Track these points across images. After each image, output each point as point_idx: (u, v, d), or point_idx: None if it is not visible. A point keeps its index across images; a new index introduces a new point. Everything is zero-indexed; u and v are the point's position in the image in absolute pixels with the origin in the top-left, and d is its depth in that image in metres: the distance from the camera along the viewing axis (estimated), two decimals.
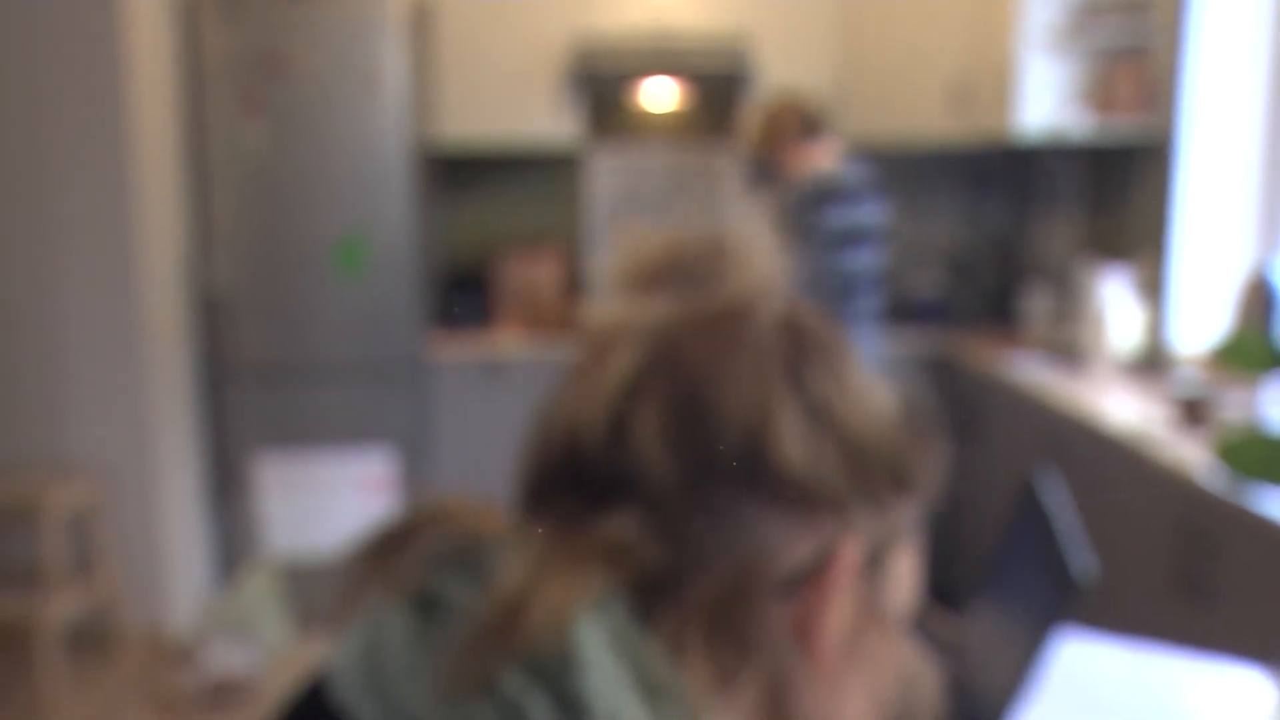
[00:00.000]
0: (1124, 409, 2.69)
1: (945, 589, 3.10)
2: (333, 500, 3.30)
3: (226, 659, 3.04)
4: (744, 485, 0.50)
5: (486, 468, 3.49)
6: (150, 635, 3.33)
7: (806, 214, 2.80)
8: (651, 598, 0.49)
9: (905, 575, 0.56)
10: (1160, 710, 1.31)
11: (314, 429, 3.54)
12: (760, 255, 0.55)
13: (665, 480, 0.49)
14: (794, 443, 0.50)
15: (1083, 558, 1.01)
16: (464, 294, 3.93)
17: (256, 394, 3.58)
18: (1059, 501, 1.15)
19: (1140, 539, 2.36)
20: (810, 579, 0.51)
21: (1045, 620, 1.01)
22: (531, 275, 3.94)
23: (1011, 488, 2.46)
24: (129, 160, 3.20)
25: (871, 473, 0.52)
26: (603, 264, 0.58)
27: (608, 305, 0.55)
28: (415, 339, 3.62)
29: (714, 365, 0.50)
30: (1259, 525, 1.92)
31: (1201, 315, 3.03)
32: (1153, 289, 3.12)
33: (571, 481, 0.52)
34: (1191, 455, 2.23)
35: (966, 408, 3.46)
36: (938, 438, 0.56)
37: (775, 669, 0.51)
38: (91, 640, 3.24)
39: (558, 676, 0.45)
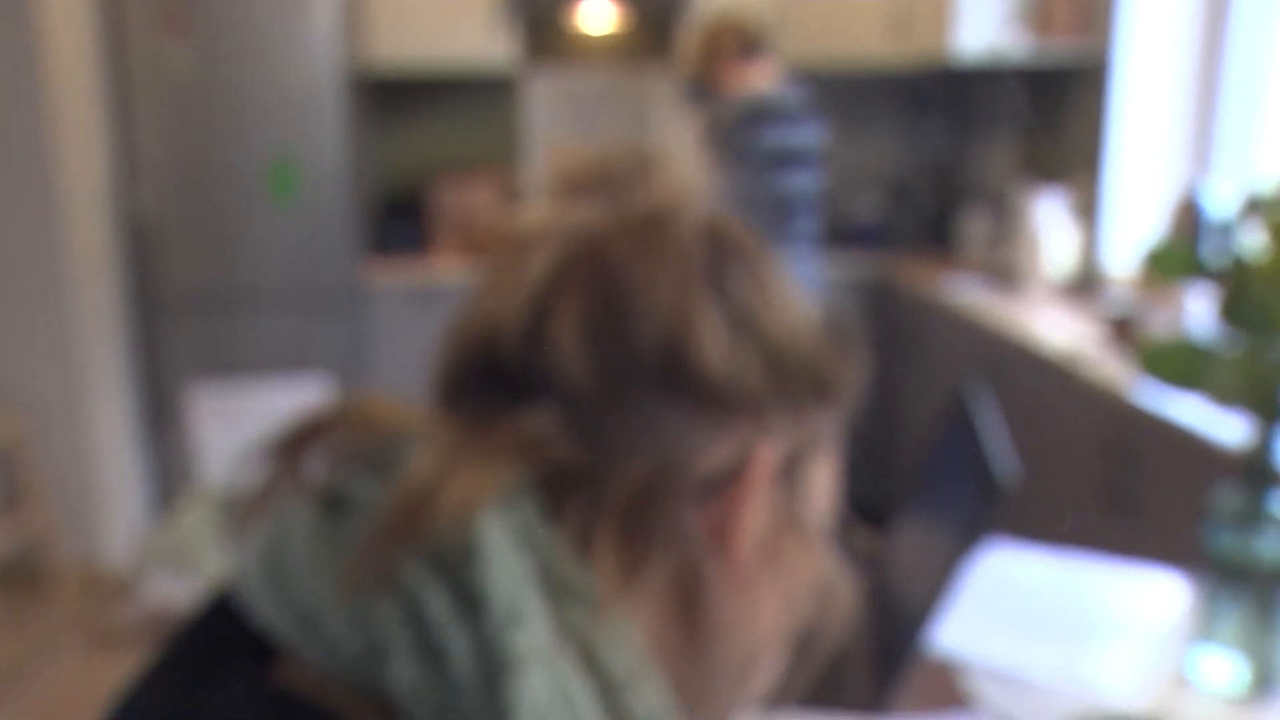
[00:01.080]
0: (1057, 329, 2.72)
1: (881, 506, 3.15)
2: (269, 429, 3.25)
3: (165, 591, 3.01)
4: (662, 387, 0.49)
5: (423, 394, 3.47)
6: (86, 570, 3.29)
7: (743, 134, 2.78)
8: (563, 495, 0.49)
9: (824, 484, 0.56)
10: (1083, 611, 1.34)
11: (248, 358, 3.48)
12: (684, 166, 0.55)
13: (582, 379, 0.49)
14: (714, 346, 0.49)
15: (1007, 462, 1.02)
16: (399, 219, 3.87)
17: (188, 323, 3.51)
18: (986, 411, 1.16)
19: (1070, 455, 2.40)
20: (726, 483, 0.50)
21: (969, 525, 1.02)
22: (468, 200, 3.89)
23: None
24: (45, 81, 3.08)
25: (792, 379, 0.52)
26: (533, 180, 0.56)
27: (531, 212, 0.54)
28: (350, 265, 3.56)
29: (635, 266, 0.50)
30: (1180, 437, 1.97)
31: (1134, 237, 3.06)
32: (1087, 211, 3.15)
33: (486, 379, 0.51)
34: (1120, 373, 2.27)
35: (904, 330, 3.49)
36: (859, 348, 0.56)
37: (687, 571, 0.50)
38: (25, 576, 3.20)
39: (458, 568, 0.44)
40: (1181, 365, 1.16)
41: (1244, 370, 1.10)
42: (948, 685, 1.18)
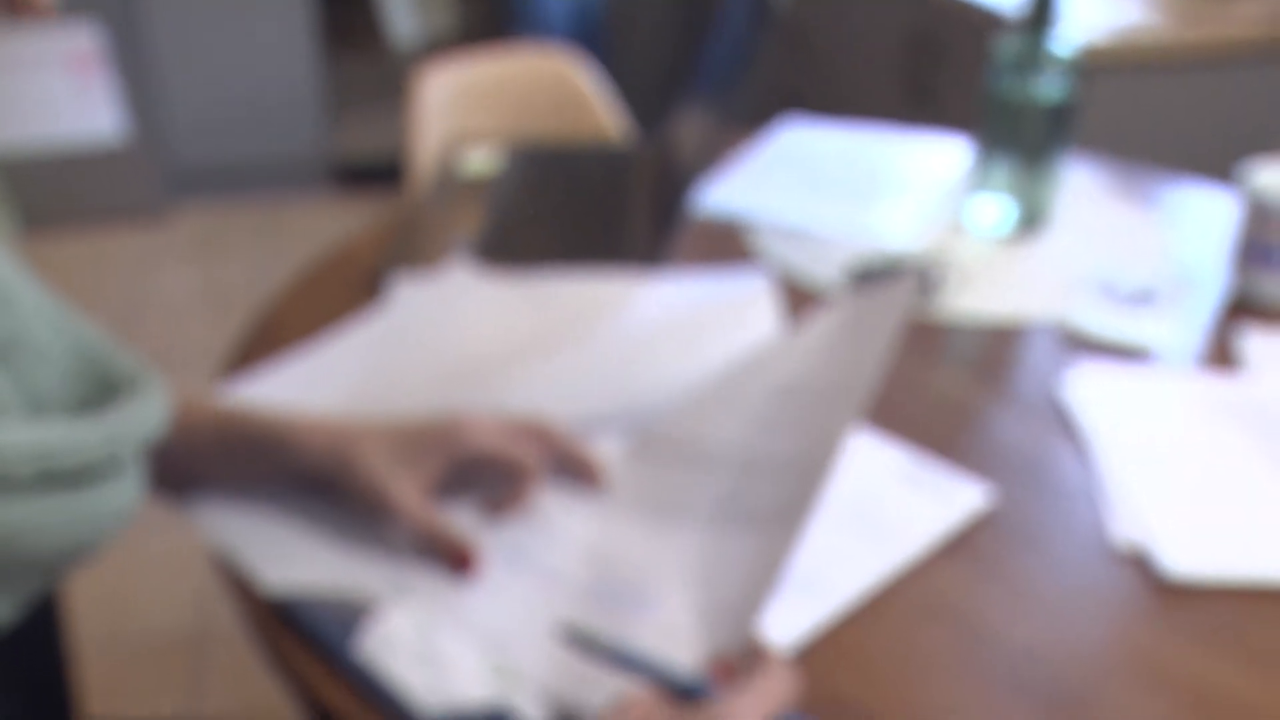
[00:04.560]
0: None
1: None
2: (36, 83, 2.99)
3: None
4: None
5: (208, 39, 3.19)
6: None
7: None
8: None
9: None
10: (870, 174, 1.36)
11: None
12: None
13: None
14: None
15: None
16: None
17: None
18: None
19: (878, 55, 2.40)
20: None
21: (741, 55, 0.98)
22: None
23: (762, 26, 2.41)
24: None
25: None
26: None
27: None
28: None
29: None
30: (974, 16, 1.99)
31: None
32: None
33: None
34: None
35: None
36: None
37: None
38: None
39: None
40: None
41: None
42: (735, 243, 1.19)
